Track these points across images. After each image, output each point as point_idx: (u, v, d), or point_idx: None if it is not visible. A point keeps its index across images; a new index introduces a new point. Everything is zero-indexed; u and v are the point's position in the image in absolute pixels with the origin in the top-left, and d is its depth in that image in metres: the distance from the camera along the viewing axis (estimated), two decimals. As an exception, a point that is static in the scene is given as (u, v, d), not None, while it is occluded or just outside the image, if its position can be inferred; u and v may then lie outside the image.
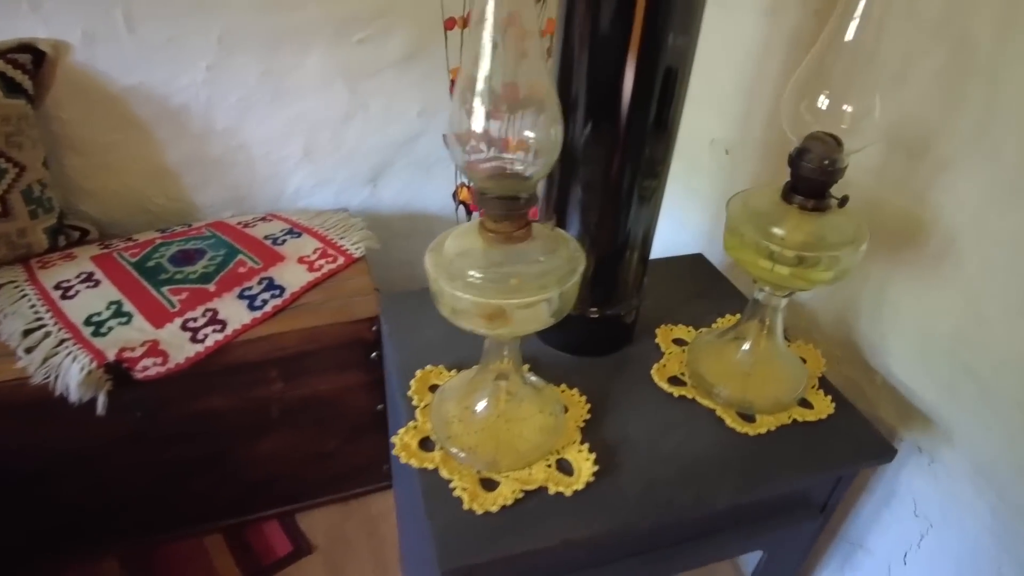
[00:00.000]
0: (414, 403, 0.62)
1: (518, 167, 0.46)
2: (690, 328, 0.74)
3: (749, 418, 0.63)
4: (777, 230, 0.55)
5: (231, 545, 1.15)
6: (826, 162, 0.53)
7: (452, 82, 1.15)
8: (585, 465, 0.56)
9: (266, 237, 1.11)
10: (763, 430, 0.61)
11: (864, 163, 0.72)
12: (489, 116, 0.42)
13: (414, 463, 0.56)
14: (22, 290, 0.97)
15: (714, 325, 0.75)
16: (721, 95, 0.92)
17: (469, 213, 1.22)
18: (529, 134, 0.44)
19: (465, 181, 1.22)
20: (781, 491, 0.63)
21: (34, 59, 1.02)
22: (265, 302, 0.99)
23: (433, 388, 0.63)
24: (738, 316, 0.72)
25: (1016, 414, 0.63)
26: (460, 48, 1.11)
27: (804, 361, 0.70)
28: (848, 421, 0.65)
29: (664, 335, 0.73)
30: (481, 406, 0.58)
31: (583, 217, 0.62)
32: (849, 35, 0.50)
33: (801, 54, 0.58)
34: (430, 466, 0.56)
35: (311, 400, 1.08)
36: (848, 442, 0.63)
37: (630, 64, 0.52)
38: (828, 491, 0.67)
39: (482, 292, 0.46)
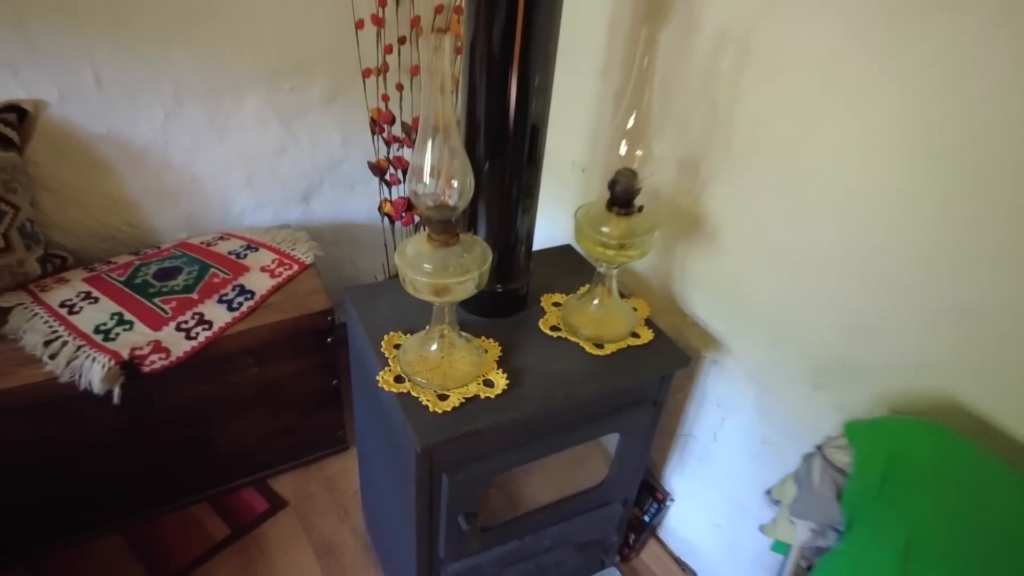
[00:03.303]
0: (386, 355, 0.92)
1: (450, 201, 0.78)
2: (564, 295, 1.09)
3: (600, 346, 0.98)
4: (604, 228, 0.91)
5: (217, 510, 1.40)
6: (628, 186, 0.89)
7: (372, 119, 1.44)
8: (500, 380, 0.90)
9: (229, 253, 1.36)
10: (609, 351, 0.97)
11: (667, 179, 1.10)
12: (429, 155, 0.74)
13: (393, 390, 0.87)
14: (32, 310, 1.18)
15: (579, 291, 1.10)
16: (577, 127, 1.28)
17: (392, 222, 1.52)
18: (454, 182, 0.76)
19: (387, 196, 1.51)
20: (624, 389, 0.99)
21: (18, 116, 1.22)
22: (240, 304, 1.25)
23: (396, 346, 0.94)
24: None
25: (764, 336, 1.02)
26: (376, 91, 1.40)
27: (636, 309, 1.07)
28: (662, 344, 1.02)
29: (547, 301, 1.07)
30: (432, 352, 0.90)
31: (488, 225, 0.95)
32: (632, 107, 0.86)
33: (620, 102, 0.94)
34: (403, 391, 0.87)
35: (278, 381, 1.35)
36: (662, 356, 1.00)
37: (514, 119, 0.86)
38: (657, 390, 1.04)
39: (432, 276, 0.78)
